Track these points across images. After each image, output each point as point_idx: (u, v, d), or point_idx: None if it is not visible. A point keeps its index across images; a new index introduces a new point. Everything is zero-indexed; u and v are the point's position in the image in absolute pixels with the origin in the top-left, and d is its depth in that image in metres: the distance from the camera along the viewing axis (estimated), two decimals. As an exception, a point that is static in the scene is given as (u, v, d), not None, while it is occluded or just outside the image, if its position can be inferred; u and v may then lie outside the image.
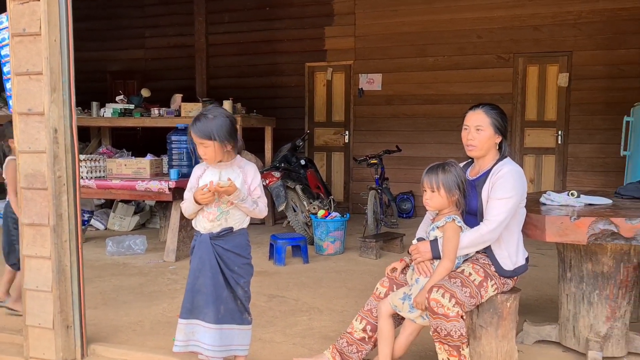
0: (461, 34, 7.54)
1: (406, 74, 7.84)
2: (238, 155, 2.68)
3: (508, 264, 2.62)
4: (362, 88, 8.06)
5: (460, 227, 2.57)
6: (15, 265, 3.65)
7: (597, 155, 7.11)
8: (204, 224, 2.62)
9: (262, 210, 2.66)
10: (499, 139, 2.71)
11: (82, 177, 5.19)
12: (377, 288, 2.79)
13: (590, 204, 3.02)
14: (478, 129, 2.68)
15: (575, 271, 2.99)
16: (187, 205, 2.63)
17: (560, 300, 3.12)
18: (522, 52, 7.33)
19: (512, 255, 2.64)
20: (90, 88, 8.65)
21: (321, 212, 5.57)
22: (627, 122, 4.94)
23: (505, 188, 2.57)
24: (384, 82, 7.97)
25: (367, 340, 2.76)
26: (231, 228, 2.62)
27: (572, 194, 3.09)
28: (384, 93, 7.98)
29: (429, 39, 7.69)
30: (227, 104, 6.61)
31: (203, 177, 2.65)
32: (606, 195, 3.34)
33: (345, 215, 5.65)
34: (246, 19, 8.63)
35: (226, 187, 2.48)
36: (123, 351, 3.10)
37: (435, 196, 2.59)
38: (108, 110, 7.05)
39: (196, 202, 2.57)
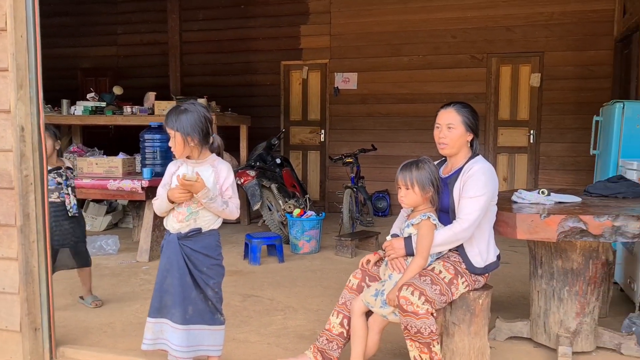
0: (436, 34, 7.61)
1: (381, 73, 7.88)
2: (213, 154, 2.64)
3: (479, 261, 2.65)
4: (337, 87, 8.07)
5: (435, 224, 2.59)
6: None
7: (568, 154, 7.25)
8: (173, 223, 2.58)
9: (232, 211, 2.60)
10: (470, 137, 2.73)
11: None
12: (350, 280, 2.80)
13: (560, 202, 3.07)
14: (449, 127, 2.70)
15: (546, 268, 3.03)
16: (159, 202, 2.60)
17: (532, 297, 3.16)
18: (495, 52, 7.42)
19: (482, 252, 2.67)
20: (60, 85, 8.49)
21: (297, 211, 5.56)
22: (597, 122, 5.02)
23: (476, 186, 2.59)
24: (360, 81, 7.99)
25: (345, 335, 2.75)
26: (200, 229, 2.57)
27: (542, 192, 3.14)
28: (359, 92, 8.00)
29: (404, 39, 7.74)
30: (201, 102, 6.54)
31: (177, 173, 2.60)
32: (575, 193, 3.40)
33: (320, 214, 5.64)
34: (221, 16, 8.56)
35: (192, 182, 2.43)
36: (93, 353, 3.04)
37: (409, 193, 2.60)
38: (79, 108, 6.93)
39: (169, 200, 2.53)
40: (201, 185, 2.46)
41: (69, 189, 3.72)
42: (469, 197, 2.59)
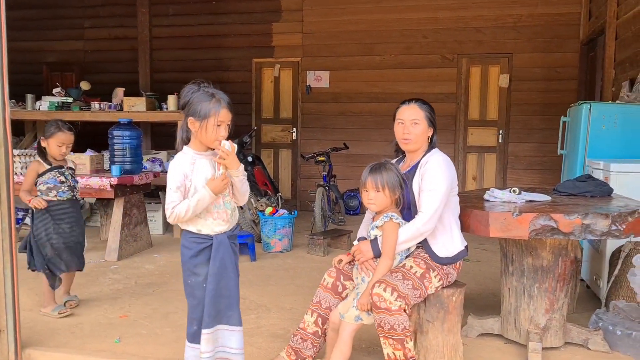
0: (407, 34, 7.67)
1: (353, 72, 7.90)
2: None
3: (443, 252, 2.67)
4: (309, 85, 8.05)
5: (399, 223, 2.61)
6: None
7: (535, 154, 7.40)
8: (218, 226, 2.40)
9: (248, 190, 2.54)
10: (431, 132, 2.79)
11: (15, 173, 4.93)
12: (325, 279, 2.79)
13: (531, 201, 3.12)
14: (414, 123, 2.73)
15: (517, 265, 3.08)
16: (194, 203, 2.30)
17: (503, 294, 3.21)
18: (465, 53, 7.52)
19: (447, 243, 2.69)
20: (25, 80, 8.24)
21: (269, 210, 5.53)
22: (564, 123, 5.13)
23: (434, 178, 2.63)
24: (332, 79, 7.99)
25: (320, 333, 2.74)
26: (238, 225, 2.52)
27: (513, 191, 3.18)
28: (331, 90, 8.01)
29: (376, 38, 7.78)
30: (172, 99, 6.44)
31: (197, 170, 2.36)
32: (545, 192, 3.47)
33: (292, 213, 5.62)
34: (192, 12, 8.45)
35: (231, 150, 2.30)
36: (61, 355, 2.96)
37: (379, 196, 2.60)
38: (44, 104, 6.73)
39: (215, 194, 2.33)
40: (236, 159, 2.33)
41: (76, 183, 3.73)
42: (427, 190, 2.62)
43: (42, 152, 3.60)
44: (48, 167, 3.57)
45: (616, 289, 3.49)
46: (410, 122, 2.73)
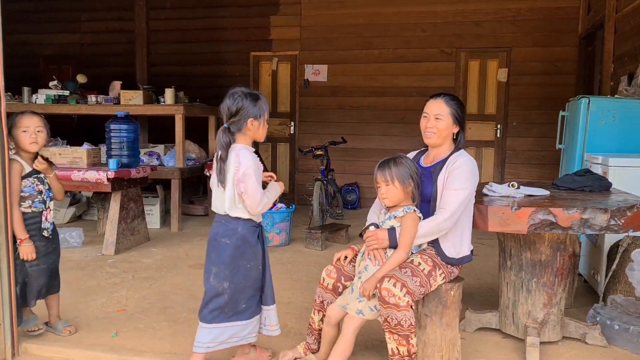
0: (406, 28, 7.64)
1: (352, 65, 7.87)
2: None
3: (451, 252, 2.67)
4: (307, 79, 8.02)
5: (420, 217, 2.59)
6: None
7: (533, 149, 7.39)
8: (260, 217, 2.73)
9: None
10: (456, 129, 2.76)
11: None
12: (324, 279, 2.76)
13: (529, 195, 3.11)
14: (437, 118, 2.71)
15: (515, 260, 3.08)
16: (274, 196, 2.72)
17: (501, 289, 3.21)
18: (464, 47, 7.50)
19: (456, 244, 2.68)
20: (21, 73, 8.18)
21: (266, 204, 5.51)
22: (563, 117, 5.12)
23: (460, 179, 2.61)
24: (330, 73, 7.96)
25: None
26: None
27: (512, 185, 3.17)
28: (329, 84, 7.98)
29: (375, 32, 7.74)
30: (169, 93, 6.41)
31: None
32: (544, 187, 3.46)
33: (290, 207, 5.61)
34: (189, 5, 8.40)
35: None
36: (58, 349, 2.95)
37: (390, 189, 2.58)
38: (41, 97, 6.69)
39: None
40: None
41: (49, 200, 3.03)
42: (452, 189, 2.60)
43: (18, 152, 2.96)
44: (29, 170, 2.94)
45: (614, 283, 3.49)
46: (434, 117, 2.72)
